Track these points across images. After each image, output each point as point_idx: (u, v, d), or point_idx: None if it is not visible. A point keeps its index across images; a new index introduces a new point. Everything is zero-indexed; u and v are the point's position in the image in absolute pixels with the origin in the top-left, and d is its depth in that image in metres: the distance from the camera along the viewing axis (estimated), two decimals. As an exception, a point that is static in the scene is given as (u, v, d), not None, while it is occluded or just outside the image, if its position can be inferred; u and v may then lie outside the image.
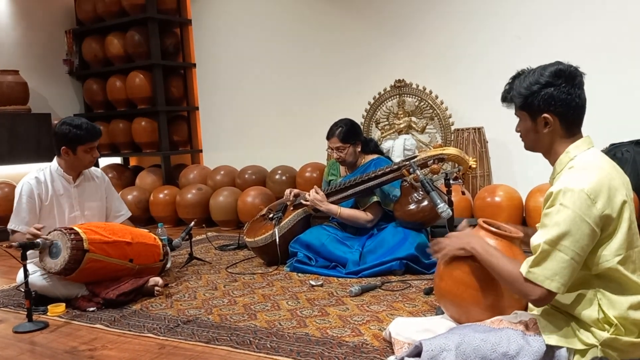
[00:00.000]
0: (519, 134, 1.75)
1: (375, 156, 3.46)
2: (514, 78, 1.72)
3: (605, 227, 1.53)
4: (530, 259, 1.56)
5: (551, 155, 1.69)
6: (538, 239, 1.55)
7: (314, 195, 3.33)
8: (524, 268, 1.56)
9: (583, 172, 1.55)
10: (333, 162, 3.64)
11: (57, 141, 2.93)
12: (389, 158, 3.59)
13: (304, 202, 3.40)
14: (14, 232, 2.89)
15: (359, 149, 3.42)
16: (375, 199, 3.29)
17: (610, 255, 1.54)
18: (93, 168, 3.21)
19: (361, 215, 3.29)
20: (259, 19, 5.43)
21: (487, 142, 4.21)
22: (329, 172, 3.65)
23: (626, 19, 3.75)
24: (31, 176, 2.95)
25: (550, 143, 1.67)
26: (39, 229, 2.65)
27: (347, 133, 3.37)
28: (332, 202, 3.33)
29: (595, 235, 1.52)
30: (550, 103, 1.61)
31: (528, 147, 1.74)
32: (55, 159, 3.02)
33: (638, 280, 1.55)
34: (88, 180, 3.12)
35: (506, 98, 1.73)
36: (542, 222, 1.57)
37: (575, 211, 1.49)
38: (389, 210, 3.29)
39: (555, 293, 1.53)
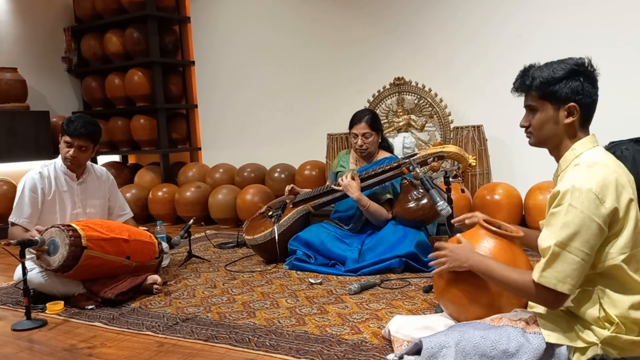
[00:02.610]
0: (524, 128, 1.71)
1: (388, 154, 3.47)
2: (526, 69, 1.68)
3: (612, 224, 1.52)
4: (541, 263, 1.54)
5: (558, 151, 1.67)
6: (547, 241, 1.54)
7: (349, 181, 3.20)
8: (535, 274, 1.55)
9: (589, 171, 1.54)
10: (345, 153, 3.63)
11: None
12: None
13: (336, 188, 3.30)
14: (13, 224, 2.89)
15: (379, 141, 3.44)
16: (388, 196, 3.29)
17: (615, 253, 1.53)
18: (98, 167, 3.22)
19: (383, 212, 3.25)
20: (257, 16, 5.42)
21: (486, 140, 4.21)
22: (338, 163, 3.63)
23: (626, 17, 3.75)
24: (35, 171, 2.96)
25: (563, 136, 1.64)
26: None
27: (373, 120, 3.39)
28: (339, 196, 3.30)
29: (603, 233, 1.51)
30: (577, 92, 1.59)
31: (537, 140, 1.69)
32: (60, 156, 3.02)
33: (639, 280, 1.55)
34: (92, 178, 3.12)
35: (522, 87, 1.68)
36: (549, 221, 1.55)
37: (583, 211, 1.48)
38: None
39: (568, 295, 1.53)
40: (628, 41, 3.75)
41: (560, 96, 1.61)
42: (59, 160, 3.02)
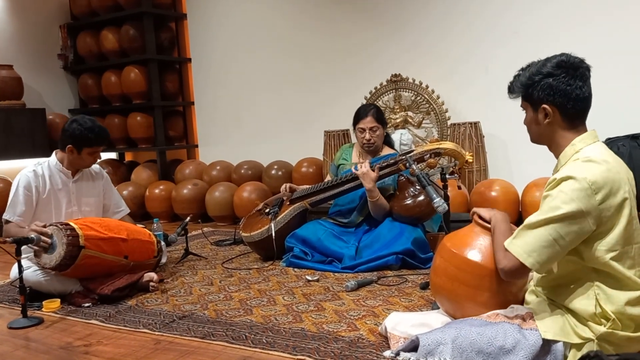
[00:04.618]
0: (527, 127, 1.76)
1: (392, 150, 3.47)
2: (523, 69, 1.71)
3: (602, 222, 1.53)
4: (515, 231, 1.61)
5: (555, 148, 1.69)
6: (531, 217, 1.58)
7: (368, 170, 3.11)
8: (507, 240, 1.62)
9: (589, 164, 1.55)
10: (348, 146, 3.63)
11: (65, 138, 2.93)
12: None
13: (355, 172, 3.17)
14: (7, 222, 2.88)
15: (384, 134, 3.45)
16: (392, 191, 3.29)
17: (604, 250, 1.54)
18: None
19: (387, 207, 3.23)
20: (254, 13, 5.40)
21: (483, 136, 4.21)
22: (340, 156, 3.61)
23: (624, 13, 3.75)
24: (29, 169, 2.95)
25: (552, 135, 1.66)
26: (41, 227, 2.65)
27: (379, 113, 3.41)
28: (341, 190, 3.28)
29: (587, 225, 1.51)
30: (549, 93, 1.61)
31: (533, 139, 1.75)
32: (54, 154, 3.02)
33: (633, 277, 1.55)
34: (86, 176, 3.12)
35: (511, 89, 1.73)
36: (540, 204, 1.58)
37: (573, 199, 1.50)
38: None
39: (529, 269, 1.56)
40: (624, 36, 3.75)
41: (534, 98, 1.65)
42: (52, 159, 3.02)
